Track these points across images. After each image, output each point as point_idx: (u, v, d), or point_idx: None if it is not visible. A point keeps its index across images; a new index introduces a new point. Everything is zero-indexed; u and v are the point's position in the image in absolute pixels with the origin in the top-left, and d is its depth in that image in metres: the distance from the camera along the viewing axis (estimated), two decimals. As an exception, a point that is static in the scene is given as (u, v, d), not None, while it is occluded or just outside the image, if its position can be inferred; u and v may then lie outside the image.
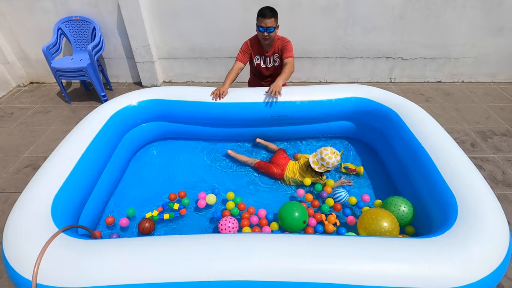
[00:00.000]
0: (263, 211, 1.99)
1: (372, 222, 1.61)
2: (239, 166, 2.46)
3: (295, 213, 1.80)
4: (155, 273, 1.21)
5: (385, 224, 1.59)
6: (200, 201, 2.04)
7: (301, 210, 1.83)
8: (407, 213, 1.75)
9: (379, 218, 1.61)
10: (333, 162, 2.07)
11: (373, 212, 1.67)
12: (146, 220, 1.90)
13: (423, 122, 2.11)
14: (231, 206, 2.00)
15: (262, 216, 1.97)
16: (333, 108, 2.45)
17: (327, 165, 2.07)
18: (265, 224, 1.92)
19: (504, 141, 2.93)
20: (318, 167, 2.10)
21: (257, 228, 1.90)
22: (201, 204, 2.02)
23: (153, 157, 2.58)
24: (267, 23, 2.22)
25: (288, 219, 1.80)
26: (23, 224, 1.39)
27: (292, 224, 1.80)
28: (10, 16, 3.54)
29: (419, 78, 4.07)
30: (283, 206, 1.88)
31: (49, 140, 3.01)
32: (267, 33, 2.26)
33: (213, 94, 2.39)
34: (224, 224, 1.83)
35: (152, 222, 1.91)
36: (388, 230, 1.58)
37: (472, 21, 3.55)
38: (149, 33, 3.58)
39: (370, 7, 3.43)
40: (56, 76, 3.38)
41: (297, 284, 1.20)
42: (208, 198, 2.03)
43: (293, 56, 2.43)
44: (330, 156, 2.06)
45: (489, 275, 1.22)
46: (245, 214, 1.98)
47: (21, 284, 1.22)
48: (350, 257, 1.26)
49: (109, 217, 1.95)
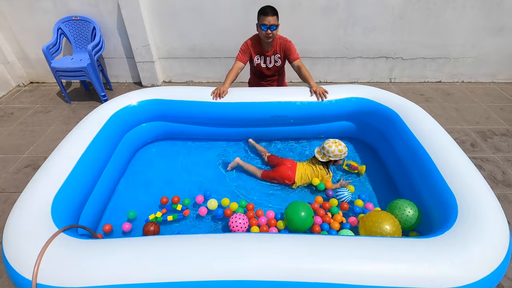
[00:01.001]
0: (271, 212, 1.98)
1: (373, 225, 1.60)
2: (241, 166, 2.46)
3: (301, 212, 1.80)
4: (155, 273, 1.21)
5: (387, 227, 1.57)
6: (201, 209, 1.98)
7: (307, 209, 1.83)
8: (413, 216, 1.73)
9: (380, 220, 1.60)
10: (333, 150, 2.09)
11: (374, 215, 1.66)
12: (151, 223, 1.88)
13: (423, 122, 2.11)
14: (235, 207, 1.99)
15: (271, 217, 1.96)
16: (333, 108, 2.45)
17: (327, 153, 2.10)
18: (273, 225, 1.91)
19: (504, 141, 2.93)
20: (321, 157, 2.14)
21: (265, 227, 1.89)
22: (202, 212, 1.97)
23: (153, 157, 2.57)
24: (270, 21, 2.22)
25: (295, 220, 1.79)
26: (23, 224, 1.39)
27: (299, 224, 1.79)
28: (10, 16, 3.54)
29: (419, 78, 4.07)
30: (288, 206, 1.87)
31: (49, 140, 3.01)
32: (270, 31, 2.26)
33: (213, 94, 2.39)
34: (235, 222, 1.82)
35: (157, 226, 1.89)
36: (389, 233, 1.57)
37: (472, 21, 3.55)
38: (149, 33, 3.58)
39: (370, 7, 3.44)
40: (56, 76, 3.38)
41: (297, 284, 1.20)
42: (209, 204, 1.98)
43: (299, 56, 2.49)
44: (330, 145, 2.11)
45: (489, 275, 1.22)
46: (250, 213, 1.97)
47: (21, 284, 1.22)
48: (350, 257, 1.26)
49: (106, 225, 1.89)
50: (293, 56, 2.46)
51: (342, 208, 2.02)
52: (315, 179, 2.16)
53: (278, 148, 2.67)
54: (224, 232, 1.93)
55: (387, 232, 1.56)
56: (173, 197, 2.07)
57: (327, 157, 2.12)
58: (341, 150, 2.10)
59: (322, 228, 1.88)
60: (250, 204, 2.05)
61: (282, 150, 2.64)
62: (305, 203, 1.88)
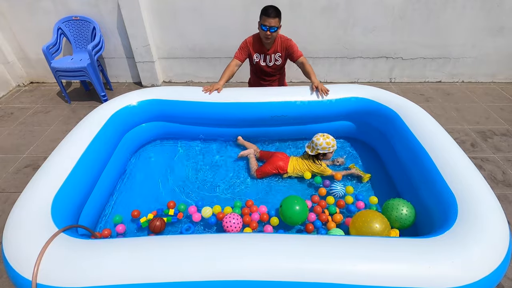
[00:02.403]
0: (263, 207, 2.00)
1: (363, 225, 1.63)
2: (240, 165, 2.46)
3: (296, 206, 1.82)
4: (155, 273, 1.21)
5: (377, 225, 1.61)
6: (195, 215, 1.93)
7: (302, 203, 1.85)
8: (409, 215, 1.74)
9: (369, 220, 1.63)
10: (321, 143, 2.14)
11: (363, 215, 1.69)
12: (157, 218, 1.88)
13: (423, 122, 2.11)
14: (229, 210, 1.99)
15: (263, 212, 1.97)
16: (333, 108, 2.45)
17: (316, 146, 2.16)
18: (266, 220, 1.93)
19: (504, 141, 2.93)
20: (310, 150, 2.20)
21: (255, 223, 1.90)
22: (196, 218, 1.93)
23: (153, 157, 2.57)
24: (271, 23, 2.22)
25: (289, 213, 1.82)
26: (23, 224, 1.39)
27: (294, 218, 1.82)
28: (10, 16, 3.54)
29: (419, 78, 4.07)
30: (284, 200, 1.89)
31: (49, 140, 3.01)
32: (270, 32, 2.26)
33: (205, 89, 2.41)
34: (228, 222, 1.82)
35: (163, 221, 1.89)
36: (379, 231, 1.60)
37: (472, 21, 3.55)
38: (149, 33, 3.58)
39: (370, 7, 3.44)
40: (56, 76, 3.38)
41: (297, 284, 1.20)
42: (203, 211, 1.93)
43: (302, 53, 2.49)
44: (318, 138, 2.17)
45: (489, 275, 1.22)
46: (245, 209, 1.97)
47: (21, 284, 1.22)
48: (350, 257, 1.26)
49: (105, 230, 1.86)
50: (296, 54, 2.45)
51: (339, 206, 2.05)
52: (307, 172, 2.21)
53: (277, 147, 2.67)
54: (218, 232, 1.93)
55: (377, 231, 1.60)
56: (168, 202, 2.05)
57: (316, 150, 2.17)
58: (329, 143, 2.15)
59: (315, 226, 1.90)
60: (250, 200, 2.05)
61: (280, 149, 2.64)
62: (300, 198, 1.90)
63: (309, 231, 1.89)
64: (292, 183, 2.30)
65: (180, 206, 2.02)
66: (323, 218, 1.94)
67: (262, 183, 2.30)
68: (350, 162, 2.47)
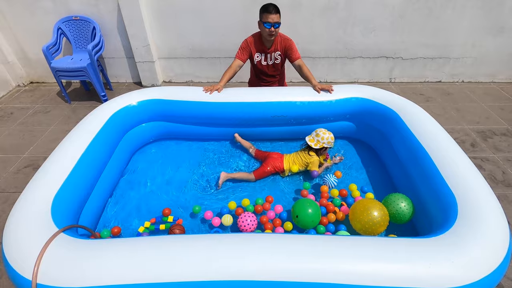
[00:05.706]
0: (279, 206, 1.99)
1: (362, 214, 1.66)
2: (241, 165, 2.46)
3: (308, 209, 1.80)
4: (155, 273, 1.21)
5: (375, 213, 1.64)
6: (215, 219, 1.91)
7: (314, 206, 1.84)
8: (407, 209, 1.75)
9: (368, 207, 1.67)
10: (327, 137, 2.20)
11: (361, 204, 1.73)
12: (176, 226, 1.83)
13: (423, 122, 2.11)
14: (247, 203, 1.99)
15: (278, 211, 1.96)
16: (333, 108, 2.45)
17: (321, 140, 2.20)
18: (279, 225, 1.90)
19: (504, 141, 2.93)
20: (314, 144, 2.23)
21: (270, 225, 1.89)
22: (215, 223, 1.90)
23: (153, 157, 2.57)
24: (274, 19, 2.23)
25: (303, 216, 1.80)
26: (23, 224, 1.39)
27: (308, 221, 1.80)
28: (10, 16, 3.54)
29: (419, 78, 4.07)
30: (295, 204, 1.87)
31: (49, 140, 3.01)
32: (274, 28, 2.26)
33: (205, 89, 2.41)
34: (244, 221, 1.81)
35: (182, 229, 1.82)
36: (378, 219, 1.63)
37: (472, 21, 3.55)
38: (149, 33, 3.58)
39: (370, 7, 3.44)
40: (56, 76, 3.38)
41: (297, 284, 1.20)
42: (224, 219, 1.87)
43: (300, 55, 2.51)
44: (324, 132, 2.23)
45: (489, 275, 1.22)
46: (258, 206, 1.96)
47: (21, 284, 1.22)
48: (350, 257, 1.26)
49: (115, 228, 1.85)
50: (294, 55, 2.46)
51: (341, 195, 2.08)
52: (295, 166, 2.25)
53: (274, 147, 2.67)
54: (232, 230, 1.93)
55: (376, 218, 1.63)
56: (164, 209, 1.99)
57: (321, 144, 2.21)
58: (332, 138, 2.23)
59: (328, 229, 1.88)
60: (269, 196, 2.05)
61: (278, 149, 2.63)
62: (312, 201, 1.88)
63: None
64: (291, 181, 2.31)
65: (194, 208, 1.99)
66: (330, 208, 1.96)
67: (264, 181, 2.29)
68: (348, 161, 2.48)
